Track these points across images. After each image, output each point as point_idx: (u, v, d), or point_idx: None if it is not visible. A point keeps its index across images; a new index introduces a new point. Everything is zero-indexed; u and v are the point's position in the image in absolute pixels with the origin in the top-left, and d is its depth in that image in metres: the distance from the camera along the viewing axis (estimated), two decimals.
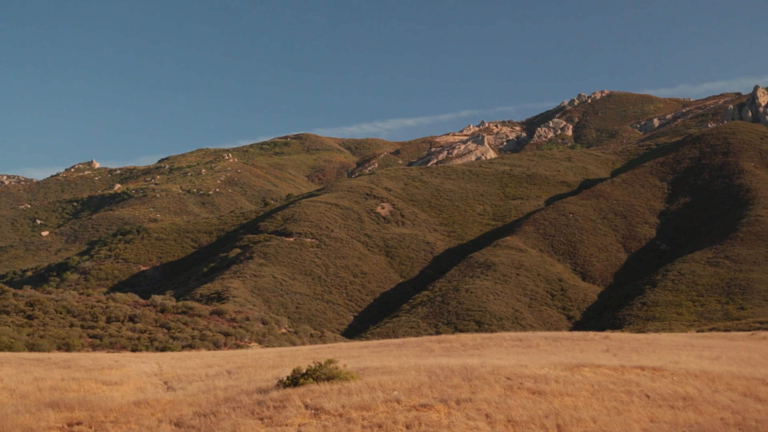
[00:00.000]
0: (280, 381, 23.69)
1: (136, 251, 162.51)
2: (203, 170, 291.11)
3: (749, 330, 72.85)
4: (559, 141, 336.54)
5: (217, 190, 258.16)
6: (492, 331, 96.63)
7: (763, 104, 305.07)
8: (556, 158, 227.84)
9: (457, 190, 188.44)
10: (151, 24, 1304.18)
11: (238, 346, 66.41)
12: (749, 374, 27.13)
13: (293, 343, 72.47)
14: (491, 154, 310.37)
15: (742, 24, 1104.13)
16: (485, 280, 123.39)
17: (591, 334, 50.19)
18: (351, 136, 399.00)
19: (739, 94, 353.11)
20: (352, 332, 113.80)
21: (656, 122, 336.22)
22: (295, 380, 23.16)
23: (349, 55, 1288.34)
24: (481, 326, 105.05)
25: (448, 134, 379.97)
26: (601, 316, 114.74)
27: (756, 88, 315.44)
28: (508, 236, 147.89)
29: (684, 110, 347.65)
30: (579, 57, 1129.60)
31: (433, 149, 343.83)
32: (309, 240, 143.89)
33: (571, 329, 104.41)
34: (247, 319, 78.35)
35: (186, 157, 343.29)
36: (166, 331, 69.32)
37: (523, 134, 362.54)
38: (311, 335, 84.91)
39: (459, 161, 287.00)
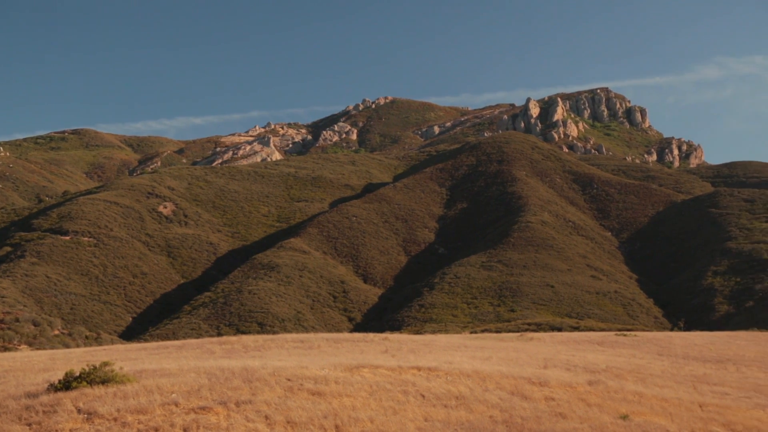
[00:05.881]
0: (51, 385, 22.68)
1: None
2: None
3: (518, 331, 76.62)
4: (344, 145, 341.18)
5: None
6: (274, 332, 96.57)
7: (534, 116, 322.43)
8: (341, 162, 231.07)
9: (241, 190, 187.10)
10: None
11: (6, 349, 63.06)
12: (517, 374, 28.51)
13: (67, 346, 69.66)
14: (277, 156, 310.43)
15: (520, 39, 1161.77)
16: (268, 281, 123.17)
17: (371, 335, 51.20)
18: (136, 133, 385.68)
19: (512, 105, 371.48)
20: (131, 334, 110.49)
21: (436, 129, 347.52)
22: (67, 384, 22.24)
23: (136, 50, 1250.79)
24: (263, 328, 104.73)
25: (233, 134, 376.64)
26: (381, 318, 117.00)
27: (528, 100, 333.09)
28: (292, 238, 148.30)
29: (463, 119, 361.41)
30: (366, 62, 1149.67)
31: (218, 149, 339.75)
32: (86, 239, 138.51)
33: (352, 331, 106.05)
34: (17, 320, 74.51)
35: None
36: None
37: (309, 137, 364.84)
38: (87, 337, 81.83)
39: (244, 162, 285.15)
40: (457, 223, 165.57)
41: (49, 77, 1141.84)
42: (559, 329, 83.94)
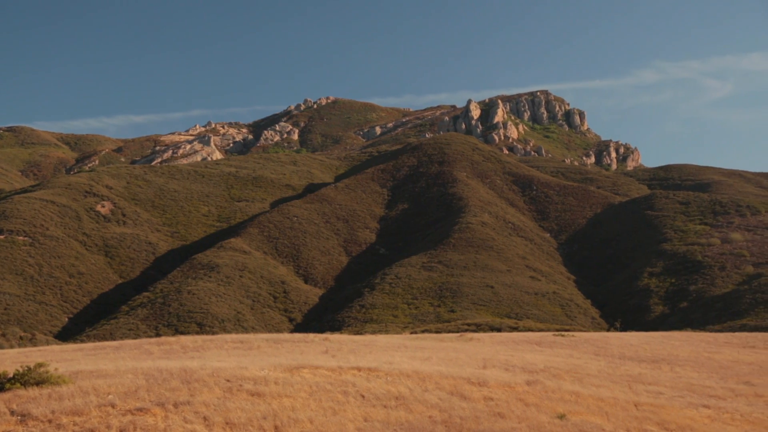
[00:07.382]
0: None
1: None
2: None
3: (458, 332, 77.04)
4: (286, 145, 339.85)
5: None
6: (214, 333, 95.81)
7: (475, 117, 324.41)
8: (282, 162, 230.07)
9: (181, 190, 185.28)
10: None
11: None
12: (456, 374, 28.70)
13: (0, 347, 68.41)
14: (217, 155, 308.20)
15: (463, 41, 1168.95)
16: (208, 281, 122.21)
17: (311, 335, 51.17)
18: (74, 131, 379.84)
19: (454, 106, 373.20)
20: (67, 335, 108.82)
21: (378, 130, 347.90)
22: (0, 385, 21.87)
23: (75, 47, 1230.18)
24: (202, 328, 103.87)
25: (173, 133, 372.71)
26: (321, 318, 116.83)
27: (469, 102, 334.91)
28: (233, 238, 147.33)
29: (404, 120, 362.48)
30: (308, 62, 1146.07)
31: (157, 148, 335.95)
32: (21, 238, 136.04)
33: (293, 331, 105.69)
34: None
35: None
36: None
37: (250, 137, 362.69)
38: (21, 338, 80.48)
39: (184, 161, 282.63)
40: (398, 223, 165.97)
41: None
42: (499, 330, 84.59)
